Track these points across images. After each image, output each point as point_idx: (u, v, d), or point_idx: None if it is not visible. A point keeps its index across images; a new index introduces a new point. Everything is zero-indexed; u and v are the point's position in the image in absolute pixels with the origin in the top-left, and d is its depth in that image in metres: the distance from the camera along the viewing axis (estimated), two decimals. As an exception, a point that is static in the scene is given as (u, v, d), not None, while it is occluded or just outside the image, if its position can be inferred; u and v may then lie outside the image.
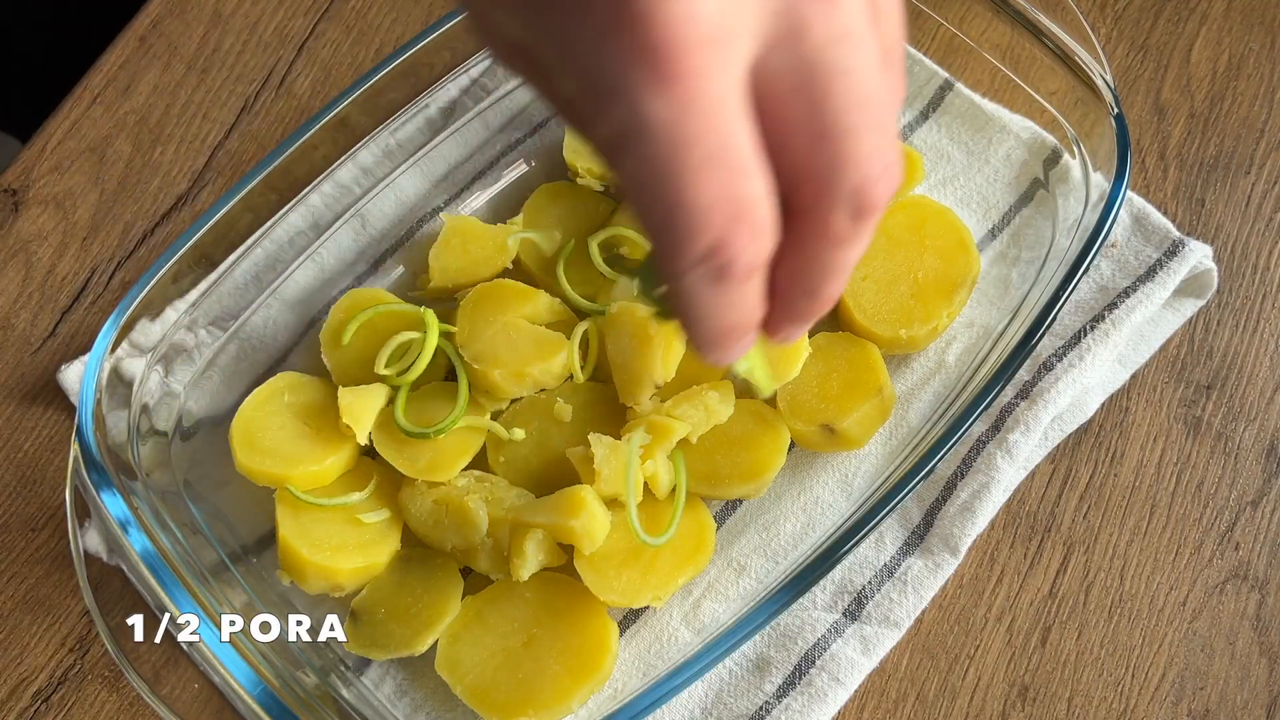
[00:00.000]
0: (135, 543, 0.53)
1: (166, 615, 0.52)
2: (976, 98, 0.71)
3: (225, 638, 0.51)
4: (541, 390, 0.64)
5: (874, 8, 0.35)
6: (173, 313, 0.61)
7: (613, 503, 0.60)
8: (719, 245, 0.33)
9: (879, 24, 0.35)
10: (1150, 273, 0.67)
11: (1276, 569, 0.64)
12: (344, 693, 0.57)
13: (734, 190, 0.33)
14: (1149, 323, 0.68)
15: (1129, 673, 0.62)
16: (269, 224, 0.63)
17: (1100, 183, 0.63)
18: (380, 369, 0.63)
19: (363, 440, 0.62)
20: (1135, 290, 0.66)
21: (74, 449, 0.55)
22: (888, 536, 0.63)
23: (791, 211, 0.36)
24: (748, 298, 0.36)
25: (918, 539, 0.63)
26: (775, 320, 0.39)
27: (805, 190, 0.35)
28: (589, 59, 0.32)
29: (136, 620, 0.55)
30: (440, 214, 0.69)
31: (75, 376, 0.66)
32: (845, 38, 0.33)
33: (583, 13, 0.32)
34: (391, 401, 0.62)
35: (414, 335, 0.63)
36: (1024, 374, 0.65)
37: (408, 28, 0.77)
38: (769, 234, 0.34)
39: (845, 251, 0.37)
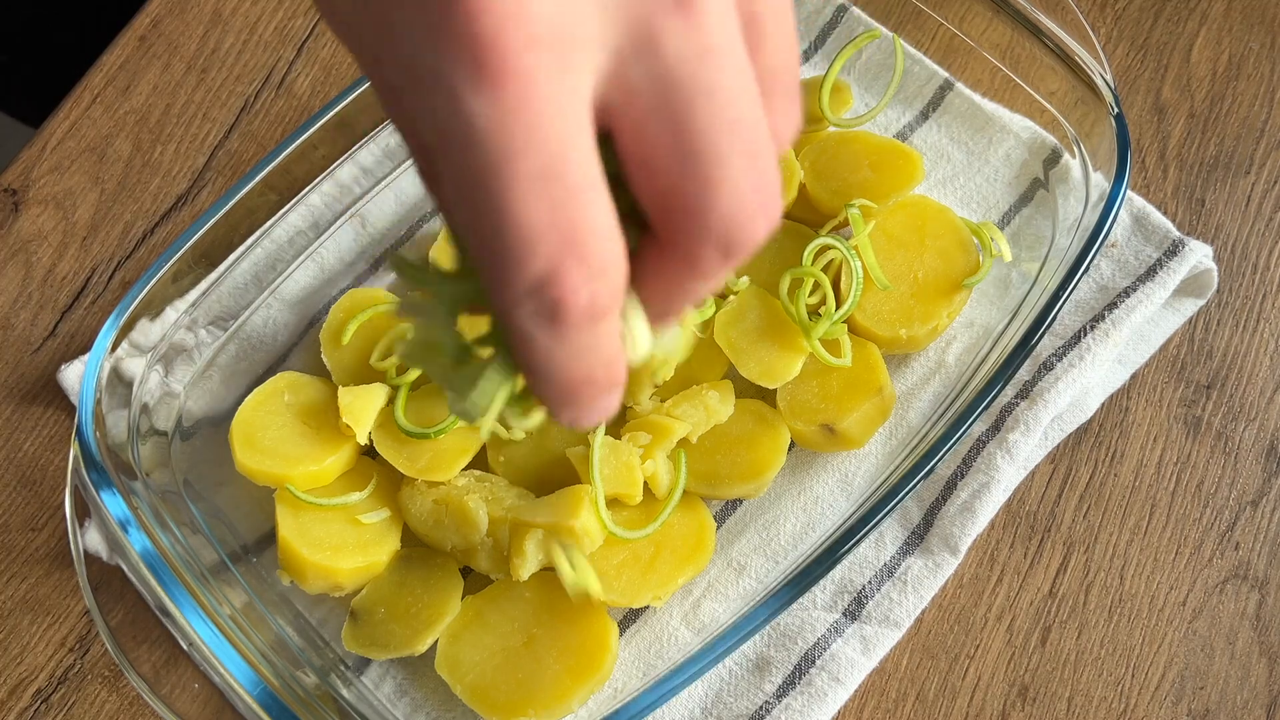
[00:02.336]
0: (135, 543, 0.53)
1: (166, 615, 0.52)
2: (976, 97, 0.71)
3: (225, 638, 0.51)
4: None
5: (755, 29, 0.32)
6: (173, 313, 0.61)
7: (613, 503, 0.60)
8: (549, 278, 0.29)
9: (761, 46, 0.32)
10: (1150, 272, 0.67)
11: (1276, 569, 0.64)
12: (344, 693, 0.57)
13: (568, 214, 0.29)
14: (1149, 322, 0.68)
15: (1129, 673, 0.62)
16: (269, 224, 0.63)
17: (1100, 182, 0.63)
18: (375, 361, 0.63)
19: (363, 440, 0.62)
20: (1135, 290, 0.66)
21: (74, 449, 0.54)
22: (888, 536, 0.63)
23: (658, 241, 0.33)
24: (597, 347, 0.32)
25: (918, 539, 0.63)
26: None
27: (673, 219, 0.32)
28: (410, 43, 0.29)
29: (136, 620, 0.56)
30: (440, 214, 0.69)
31: (75, 376, 0.66)
32: (706, 54, 0.30)
33: None
34: (391, 401, 0.62)
35: (410, 325, 0.63)
36: (1024, 374, 0.65)
37: (408, 28, 0.77)
38: (613, 272, 0.31)
39: (708, 284, 0.33)
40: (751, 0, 0.32)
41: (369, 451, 0.63)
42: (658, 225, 0.32)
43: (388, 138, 0.68)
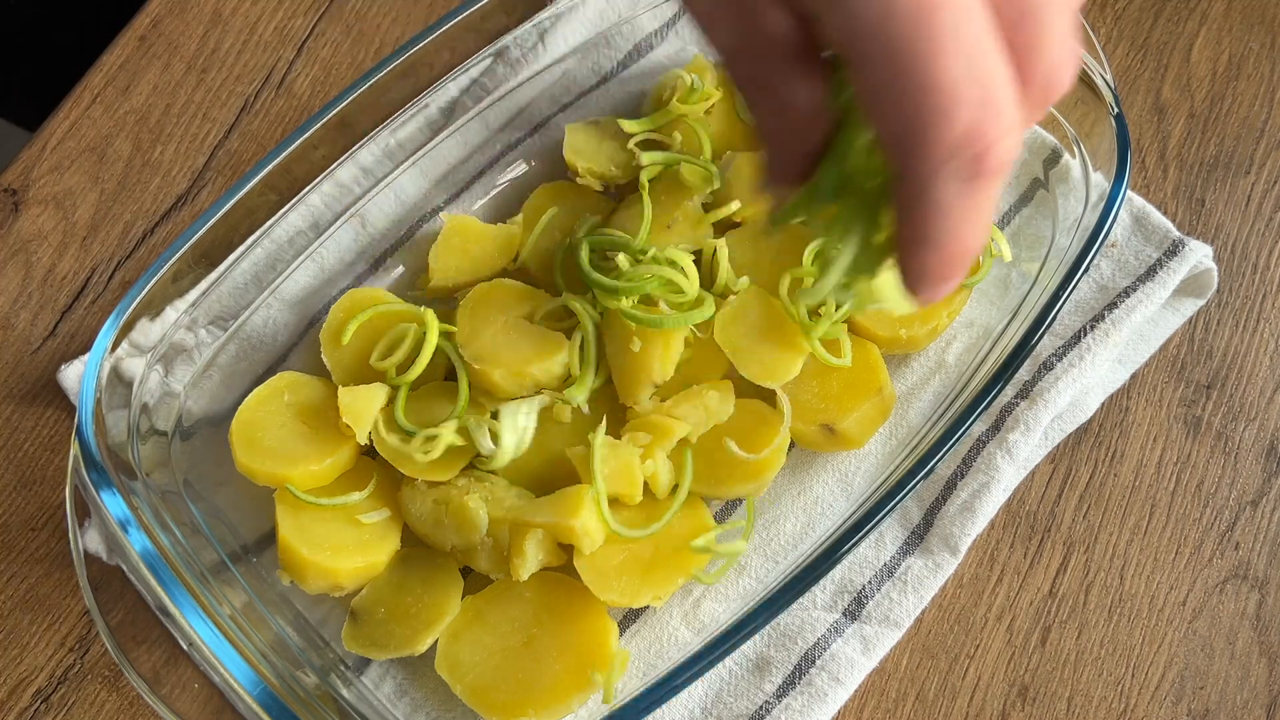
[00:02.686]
0: (135, 543, 0.53)
1: (166, 615, 0.52)
2: (976, 98, 0.71)
3: (225, 638, 0.51)
4: (541, 390, 0.64)
5: None
6: (173, 313, 0.61)
7: (613, 502, 0.60)
8: (973, 131, 0.32)
9: None
10: (1150, 272, 0.67)
11: (1276, 569, 0.64)
12: (344, 693, 0.57)
13: (981, 66, 0.31)
14: (1149, 322, 0.68)
15: (1129, 673, 0.62)
16: (269, 224, 0.63)
17: (1100, 182, 0.63)
18: (375, 361, 0.63)
19: (363, 440, 0.62)
20: (1135, 290, 0.66)
21: (74, 449, 0.54)
22: (888, 536, 0.63)
23: None
24: (991, 208, 0.34)
25: (918, 539, 0.63)
26: None
27: None
28: None
29: (136, 620, 0.56)
30: (440, 214, 0.69)
31: (75, 376, 0.66)
32: None
33: None
34: (391, 401, 0.62)
35: (410, 325, 0.63)
36: (1024, 374, 0.65)
37: (408, 28, 0.77)
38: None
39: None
40: None
41: (369, 451, 0.63)
42: None
43: (388, 138, 0.68)
